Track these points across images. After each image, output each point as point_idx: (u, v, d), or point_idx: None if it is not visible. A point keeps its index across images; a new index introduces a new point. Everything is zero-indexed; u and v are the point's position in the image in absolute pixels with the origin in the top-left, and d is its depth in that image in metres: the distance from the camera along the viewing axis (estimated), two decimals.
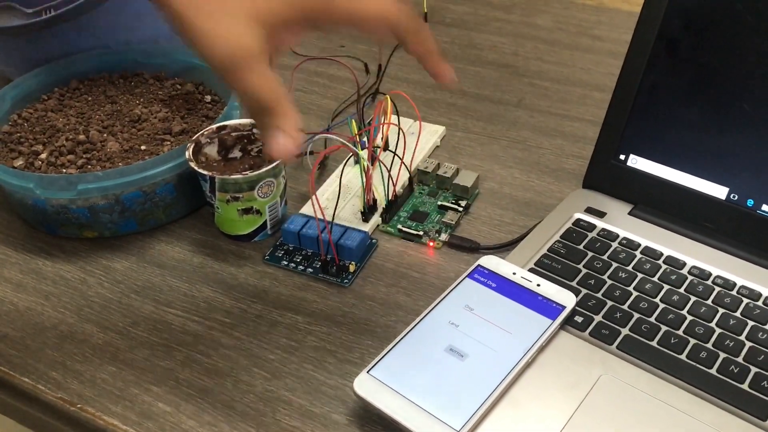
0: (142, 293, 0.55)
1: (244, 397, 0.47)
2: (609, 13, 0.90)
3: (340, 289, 0.55)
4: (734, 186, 0.53)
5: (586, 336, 0.48)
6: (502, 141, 0.69)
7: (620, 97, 0.57)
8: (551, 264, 0.53)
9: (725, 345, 0.47)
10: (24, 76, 0.69)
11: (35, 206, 0.58)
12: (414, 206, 0.61)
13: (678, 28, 0.54)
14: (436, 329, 0.48)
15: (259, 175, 0.54)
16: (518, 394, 0.45)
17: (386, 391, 0.44)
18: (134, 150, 0.62)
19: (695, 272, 0.52)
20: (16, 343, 0.52)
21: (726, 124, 0.53)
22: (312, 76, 0.80)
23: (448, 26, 0.89)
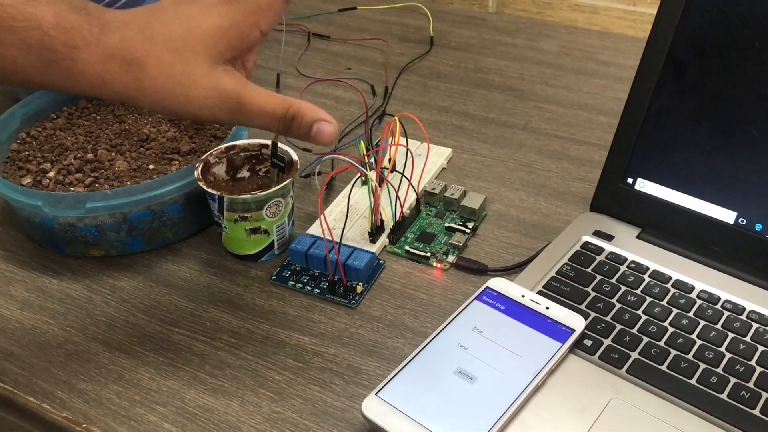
0: (148, 312, 0.55)
1: (250, 418, 0.47)
2: (614, 38, 0.91)
3: (347, 310, 0.54)
4: (742, 210, 0.53)
5: (596, 360, 0.48)
6: (509, 163, 0.69)
7: (628, 120, 0.57)
8: (560, 287, 0.53)
9: (736, 370, 0.47)
10: (33, 95, 0.69)
11: (43, 224, 0.58)
12: (421, 227, 0.61)
13: (686, 52, 0.54)
14: (445, 351, 0.48)
15: (267, 195, 0.54)
16: (528, 417, 0.45)
17: (395, 414, 0.44)
18: (142, 169, 0.62)
19: (704, 296, 0.52)
20: (21, 362, 0.51)
21: (734, 148, 0.53)
22: (319, 98, 0.81)
23: (454, 50, 0.89)
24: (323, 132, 0.43)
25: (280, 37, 0.93)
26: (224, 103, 0.42)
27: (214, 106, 0.42)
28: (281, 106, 0.43)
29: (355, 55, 0.89)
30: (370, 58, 0.88)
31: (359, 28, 0.96)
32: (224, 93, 0.42)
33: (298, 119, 0.43)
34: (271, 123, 0.43)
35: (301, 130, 0.43)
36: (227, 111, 0.42)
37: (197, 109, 0.42)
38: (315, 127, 0.43)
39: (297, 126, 0.43)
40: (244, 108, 0.42)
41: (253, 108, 0.42)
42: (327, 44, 0.92)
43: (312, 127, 0.43)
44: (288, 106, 0.43)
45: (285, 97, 0.43)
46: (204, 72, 0.41)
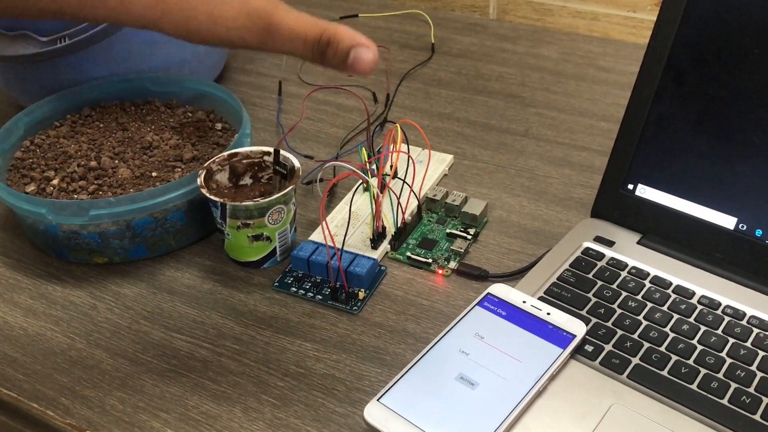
0: (151, 319, 0.55)
1: (253, 424, 0.47)
2: (615, 45, 0.91)
3: (349, 316, 0.55)
4: (743, 216, 0.54)
5: (597, 365, 0.48)
6: (510, 170, 0.69)
7: (628, 127, 0.57)
8: (561, 293, 0.53)
9: (736, 375, 0.47)
10: (37, 103, 0.70)
11: (47, 231, 0.58)
12: (423, 234, 0.61)
13: (685, 59, 0.54)
14: (447, 357, 0.48)
15: (269, 202, 0.55)
16: (529, 423, 0.45)
17: (397, 420, 0.44)
18: (145, 176, 0.62)
19: (705, 302, 0.52)
20: (25, 368, 0.52)
21: (734, 154, 0.53)
22: (321, 105, 0.81)
23: (455, 57, 0.90)
24: (361, 59, 0.39)
25: None
26: (253, 23, 0.39)
27: (242, 26, 0.39)
28: (315, 28, 0.40)
29: None
30: None
31: None
32: (253, 12, 0.39)
33: (333, 44, 0.39)
34: (303, 49, 0.40)
35: (337, 57, 0.40)
36: (256, 33, 0.40)
37: (224, 30, 0.39)
38: (353, 53, 0.39)
39: (332, 52, 0.40)
40: (274, 29, 0.39)
41: (284, 30, 0.39)
42: None
43: (349, 54, 0.39)
44: (323, 29, 0.40)
45: (320, 20, 0.40)
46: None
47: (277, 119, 0.79)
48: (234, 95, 0.68)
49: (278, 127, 0.77)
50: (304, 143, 0.75)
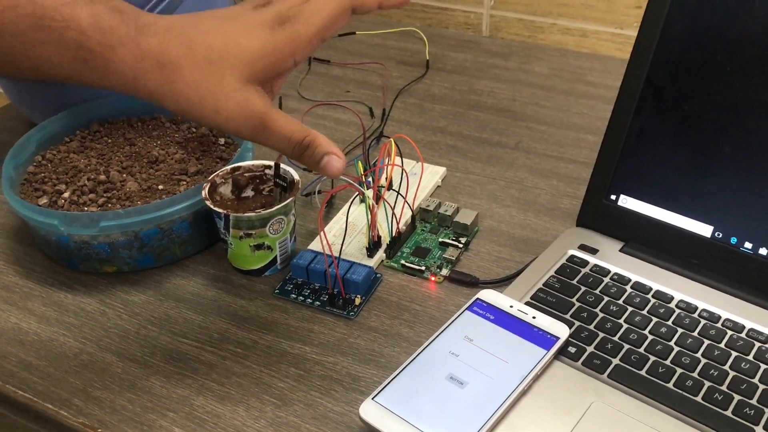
0: (158, 325, 0.58)
1: (255, 422, 0.50)
2: (603, 60, 0.94)
3: (346, 321, 0.58)
4: (718, 224, 0.57)
5: (579, 365, 0.51)
6: (500, 181, 0.72)
7: (610, 140, 0.61)
8: (546, 298, 0.56)
9: (710, 374, 0.50)
10: (48, 120, 0.72)
11: (59, 242, 0.61)
12: (416, 243, 0.64)
13: (663, 76, 0.57)
14: (438, 359, 0.51)
15: (270, 213, 0.58)
16: (515, 419, 0.48)
17: (390, 417, 0.47)
18: (152, 189, 0.65)
19: (682, 306, 0.55)
20: (39, 372, 0.55)
21: (709, 166, 0.56)
22: (319, 120, 0.84)
23: (449, 73, 0.93)
24: (332, 165, 0.46)
25: None
26: (250, 120, 0.44)
27: (240, 121, 0.44)
28: (300, 133, 0.45)
29: (354, 79, 0.93)
30: (368, 81, 0.92)
31: (358, 53, 1.00)
32: (252, 111, 0.44)
33: (312, 148, 0.46)
34: (287, 147, 0.46)
35: (312, 159, 0.46)
36: (251, 128, 0.44)
37: (224, 120, 0.44)
38: (325, 159, 0.46)
39: (309, 154, 0.46)
40: (266, 128, 0.45)
41: (275, 130, 0.45)
42: (327, 68, 0.96)
43: (323, 158, 0.46)
44: (306, 134, 0.45)
45: (304, 126, 0.46)
46: (236, 87, 0.43)
47: None
48: None
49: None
50: None
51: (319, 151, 0.46)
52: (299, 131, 0.45)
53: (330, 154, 0.46)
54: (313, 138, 0.46)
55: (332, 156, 0.46)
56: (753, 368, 0.50)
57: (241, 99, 0.44)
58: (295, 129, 0.45)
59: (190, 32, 0.44)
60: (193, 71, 0.43)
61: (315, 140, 0.46)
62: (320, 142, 0.46)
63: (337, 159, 0.46)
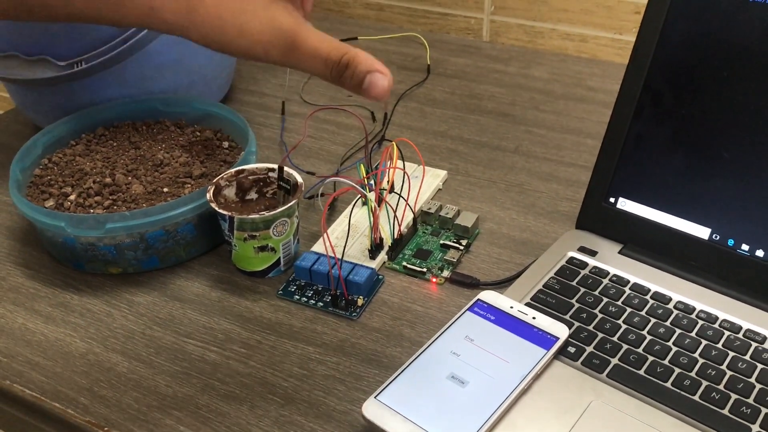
0: (163, 325, 0.59)
1: (259, 421, 0.51)
2: (602, 65, 0.95)
3: (348, 321, 0.58)
4: (716, 227, 0.57)
5: (578, 365, 0.52)
6: (501, 185, 0.73)
7: (609, 144, 0.61)
8: (546, 299, 0.57)
9: (707, 374, 0.50)
10: (54, 124, 0.73)
11: (65, 244, 0.62)
12: (418, 245, 0.65)
13: (661, 81, 0.58)
14: (439, 358, 0.52)
15: (274, 215, 0.58)
16: (515, 418, 0.48)
17: (393, 415, 0.48)
18: (157, 192, 0.66)
19: (680, 307, 0.56)
20: (47, 371, 0.55)
21: (707, 169, 0.57)
22: (322, 124, 0.85)
23: (450, 77, 0.94)
24: (376, 84, 0.41)
25: None
26: (279, 39, 0.41)
27: (268, 41, 0.41)
28: (337, 50, 0.41)
29: None
30: None
31: None
32: (280, 28, 0.41)
33: (352, 67, 0.41)
34: (324, 67, 0.42)
35: (353, 79, 0.41)
36: (281, 48, 0.41)
37: (250, 43, 0.41)
38: (368, 78, 0.41)
39: (350, 74, 0.41)
40: (298, 47, 0.41)
41: (308, 48, 0.41)
42: None
43: (365, 78, 0.41)
44: (344, 51, 0.41)
45: (341, 42, 0.42)
46: (261, 4, 0.41)
47: (281, 137, 0.83)
48: (240, 115, 0.72)
49: (282, 145, 0.81)
50: (306, 160, 0.79)
51: (361, 70, 0.41)
52: (336, 48, 0.41)
53: (373, 72, 0.41)
54: (354, 55, 0.41)
55: (375, 74, 0.41)
56: (750, 368, 0.50)
57: (268, 16, 0.40)
58: (331, 46, 0.41)
59: None
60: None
61: (355, 58, 0.41)
62: (361, 59, 0.41)
63: (381, 77, 0.41)
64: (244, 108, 0.89)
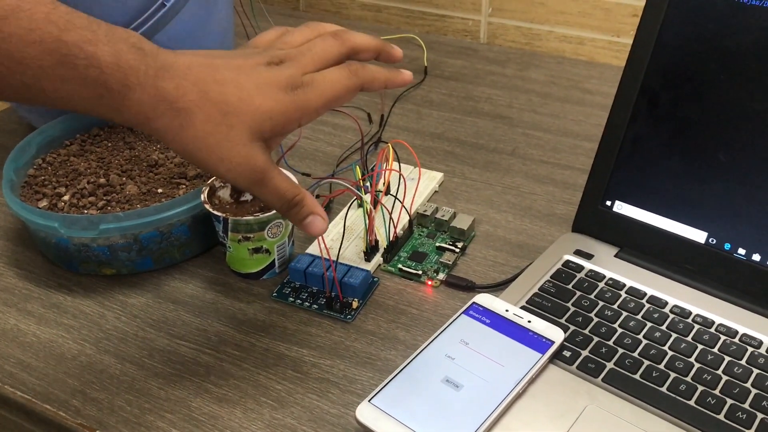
0: (157, 327, 0.59)
1: (252, 424, 0.50)
2: (599, 68, 0.95)
3: (343, 324, 0.58)
4: (712, 230, 0.57)
5: (574, 369, 0.51)
6: (497, 187, 0.73)
7: (606, 147, 0.61)
8: (542, 302, 0.57)
9: (703, 378, 0.50)
10: (48, 124, 0.73)
11: (58, 244, 0.62)
12: (413, 247, 0.65)
13: (658, 84, 0.58)
14: (434, 361, 0.51)
15: (269, 217, 0.58)
16: (510, 422, 0.48)
17: (386, 419, 0.47)
18: (151, 193, 0.66)
19: (676, 311, 0.55)
20: (38, 373, 0.55)
21: (703, 173, 0.57)
22: (318, 125, 0.85)
23: (447, 79, 0.94)
24: (314, 225, 0.50)
25: None
26: (251, 174, 0.46)
27: (241, 173, 0.46)
28: (292, 191, 0.48)
29: None
30: None
31: None
32: (254, 166, 0.46)
33: (299, 207, 0.49)
34: (279, 203, 0.49)
35: (297, 216, 0.49)
36: (250, 181, 0.47)
37: (226, 170, 0.46)
38: (309, 218, 0.49)
39: (296, 212, 0.49)
40: (264, 184, 0.47)
41: (271, 187, 0.47)
42: None
43: (307, 218, 0.49)
44: (297, 193, 0.49)
45: (296, 184, 0.49)
46: (243, 141, 0.45)
47: None
48: None
49: (277, 146, 0.81)
50: (302, 161, 0.78)
51: (305, 211, 0.49)
52: (291, 189, 0.48)
53: (314, 215, 0.50)
54: (302, 198, 0.49)
55: (316, 217, 0.50)
56: (746, 373, 0.50)
57: (247, 154, 0.46)
58: (288, 187, 0.48)
59: (207, 80, 0.45)
60: (206, 121, 0.44)
61: (303, 200, 0.49)
62: (307, 203, 0.49)
63: (320, 220, 0.50)
64: None
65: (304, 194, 0.49)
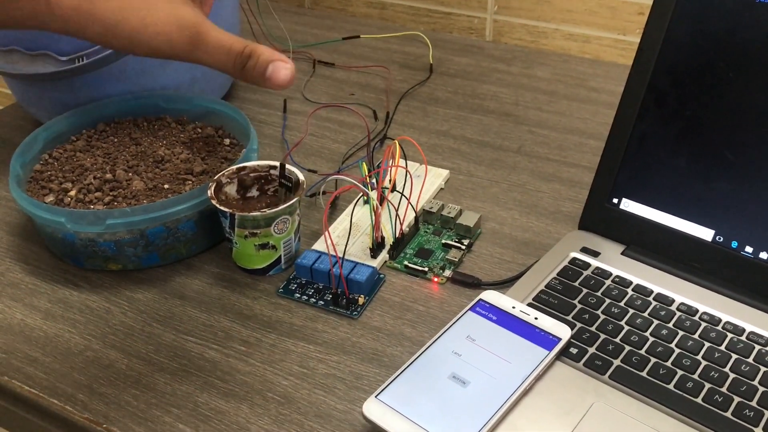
0: (163, 322, 0.59)
1: (259, 419, 0.50)
2: (605, 66, 0.95)
3: (349, 320, 0.58)
4: (719, 228, 0.57)
5: (581, 366, 0.51)
6: (503, 184, 0.73)
7: (613, 145, 0.61)
8: (548, 299, 0.57)
9: (710, 376, 0.50)
10: (55, 119, 0.73)
11: (65, 240, 0.62)
12: (419, 244, 0.65)
13: (665, 81, 0.58)
14: (440, 358, 0.51)
15: (275, 213, 0.58)
16: (517, 419, 0.48)
17: (393, 415, 0.47)
18: (158, 189, 0.66)
19: (683, 308, 0.55)
20: (45, 367, 0.55)
21: (710, 171, 0.57)
22: (324, 122, 0.85)
23: (453, 77, 0.94)
24: (278, 72, 0.42)
25: None
26: (182, 30, 0.41)
27: (171, 32, 0.41)
28: (239, 42, 0.42)
29: (358, 82, 0.94)
30: (372, 84, 0.93)
31: (362, 56, 1.00)
32: (183, 20, 0.41)
33: (254, 57, 0.42)
34: (227, 59, 0.42)
35: (256, 69, 0.42)
36: (185, 40, 0.41)
37: (153, 34, 0.41)
38: (271, 67, 0.42)
39: (252, 65, 0.42)
40: (201, 39, 0.41)
41: (211, 40, 0.42)
42: (332, 71, 0.97)
43: (268, 66, 0.42)
44: (246, 43, 0.42)
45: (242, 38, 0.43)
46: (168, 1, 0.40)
47: (282, 135, 0.82)
48: (241, 112, 0.72)
49: (283, 143, 0.81)
50: (308, 158, 0.78)
51: (263, 59, 0.42)
52: (238, 40, 0.42)
53: (275, 62, 0.43)
54: (254, 47, 0.43)
55: (278, 63, 0.43)
56: (753, 370, 0.50)
57: (170, 9, 0.41)
58: (233, 39, 0.42)
59: None
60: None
61: (256, 49, 0.43)
62: (262, 50, 0.43)
63: (283, 65, 0.43)
64: (245, 105, 0.89)
65: (255, 44, 0.43)
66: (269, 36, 1.02)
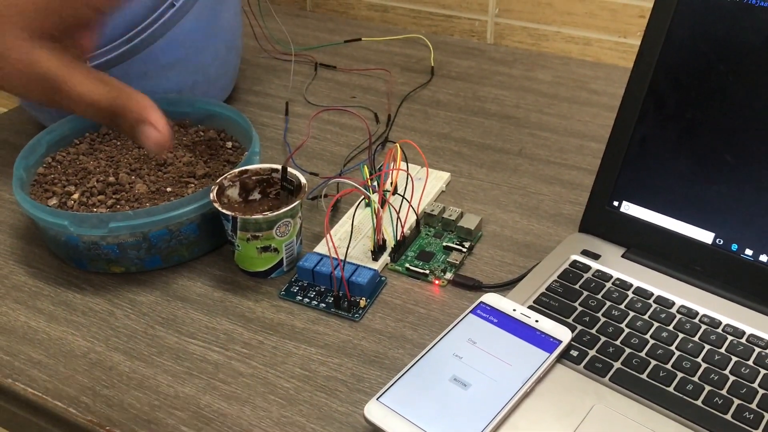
0: (166, 325, 0.59)
1: (261, 422, 0.51)
2: (606, 69, 0.95)
3: (351, 323, 0.58)
4: (719, 231, 0.57)
5: (581, 369, 0.52)
6: (504, 187, 0.73)
7: (613, 147, 0.61)
8: (549, 302, 0.57)
9: (710, 378, 0.50)
10: (58, 122, 0.73)
11: (68, 242, 0.62)
12: (421, 247, 0.65)
13: (666, 84, 0.58)
14: (442, 360, 0.51)
15: (277, 216, 0.58)
16: (517, 421, 0.48)
17: (395, 417, 0.48)
18: (161, 192, 0.66)
19: (683, 311, 0.56)
20: (49, 370, 0.55)
21: (711, 173, 0.57)
22: (325, 125, 0.85)
23: (454, 79, 0.94)
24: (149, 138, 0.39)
25: (289, 67, 0.98)
26: (41, 83, 0.38)
27: (29, 85, 0.38)
28: (105, 97, 0.38)
29: (359, 85, 0.94)
30: (374, 87, 0.93)
31: (364, 59, 1.01)
32: (42, 73, 0.38)
33: (121, 117, 0.39)
34: (94, 114, 0.39)
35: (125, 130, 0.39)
36: (44, 93, 0.38)
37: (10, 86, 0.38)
38: (139, 130, 0.39)
39: (121, 123, 0.39)
40: (61, 92, 0.38)
41: (73, 94, 0.38)
42: (333, 74, 0.97)
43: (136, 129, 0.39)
44: (114, 97, 0.38)
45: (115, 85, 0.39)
46: (20, 46, 0.37)
47: (284, 138, 0.83)
48: (243, 115, 0.72)
49: (285, 146, 0.81)
50: (309, 161, 0.79)
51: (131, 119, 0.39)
52: (105, 95, 0.38)
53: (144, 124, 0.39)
54: (123, 102, 0.38)
55: (146, 127, 0.39)
56: (753, 373, 0.50)
57: (27, 60, 0.37)
58: (100, 93, 0.38)
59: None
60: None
61: (125, 105, 0.38)
62: (132, 107, 0.38)
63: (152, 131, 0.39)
64: (247, 108, 0.89)
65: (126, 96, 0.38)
66: (271, 38, 1.02)
